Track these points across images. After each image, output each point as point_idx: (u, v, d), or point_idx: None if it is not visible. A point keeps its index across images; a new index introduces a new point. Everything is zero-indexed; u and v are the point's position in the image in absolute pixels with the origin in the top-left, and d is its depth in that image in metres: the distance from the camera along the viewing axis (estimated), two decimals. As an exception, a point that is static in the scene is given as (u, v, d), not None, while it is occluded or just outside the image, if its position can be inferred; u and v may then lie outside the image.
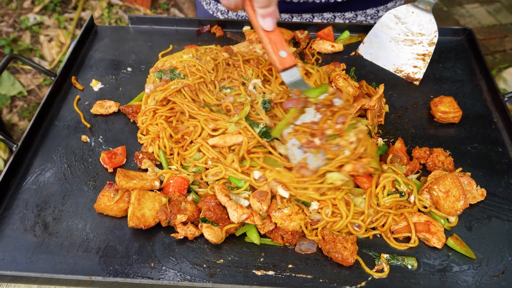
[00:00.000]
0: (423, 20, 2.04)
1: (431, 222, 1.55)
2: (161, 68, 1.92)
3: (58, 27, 6.24)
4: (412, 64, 2.10)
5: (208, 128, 1.73)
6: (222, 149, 1.72)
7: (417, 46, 2.07)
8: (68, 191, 1.68)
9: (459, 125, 1.92)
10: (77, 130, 1.90)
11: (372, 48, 2.18)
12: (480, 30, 5.94)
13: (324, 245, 1.51)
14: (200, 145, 1.72)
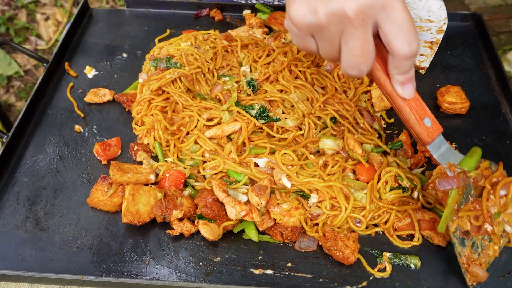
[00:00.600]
0: (432, 6, 1.95)
1: (436, 220, 1.49)
2: (157, 56, 1.84)
3: (54, 5, 6.11)
4: (418, 52, 2.01)
5: (202, 119, 1.67)
6: (221, 140, 1.66)
7: (425, 33, 1.98)
8: (61, 184, 1.63)
9: (466, 116, 1.85)
10: (70, 119, 1.83)
11: None
12: (485, 10, 5.79)
13: (325, 242, 1.46)
14: (197, 137, 1.65)
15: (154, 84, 1.74)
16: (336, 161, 1.60)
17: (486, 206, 1.33)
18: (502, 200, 1.35)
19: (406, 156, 1.69)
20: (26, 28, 5.84)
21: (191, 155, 1.65)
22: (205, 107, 1.71)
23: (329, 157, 1.60)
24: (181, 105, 1.72)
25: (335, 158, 1.60)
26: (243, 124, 1.62)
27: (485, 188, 1.35)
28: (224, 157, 1.62)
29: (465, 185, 1.32)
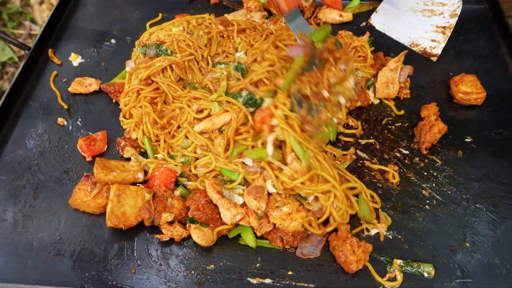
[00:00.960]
0: None
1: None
2: (146, 43, 1.69)
3: (49, -10, 5.94)
4: (430, 38, 1.86)
5: (192, 111, 1.53)
6: (212, 133, 1.52)
7: (437, 18, 1.83)
8: (41, 182, 1.50)
9: (482, 107, 1.71)
10: (53, 111, 1.69)
11: (386, 18, 1.94)
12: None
13: (333, 240, 1.33)
14: (187, 131, 1.52)
15: (143, 73, 1.59)
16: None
17: (326, 75, 1.44)
18: (341, 73, 1.46)
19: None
20: (19, 13, 5.65)
21: (182, 151, 1.51)
22: (194, 97, 1.57)
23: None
24: (170, 96, 1.58)
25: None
26: (233, 114, 1.48)
27: (328, 61, 1.45)
28: (215, 153, 1.49)
29: (311, 55, 1.43)
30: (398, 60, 1.69)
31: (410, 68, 1.74)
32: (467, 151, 1.58)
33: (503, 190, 1.47)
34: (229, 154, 1.47)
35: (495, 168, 1.53)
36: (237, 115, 1.49)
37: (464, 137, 1.61)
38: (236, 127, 1.49)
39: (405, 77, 1.72)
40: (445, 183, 1.50)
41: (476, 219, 1.41)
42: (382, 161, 1.56)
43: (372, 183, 1.50)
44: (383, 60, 1.78)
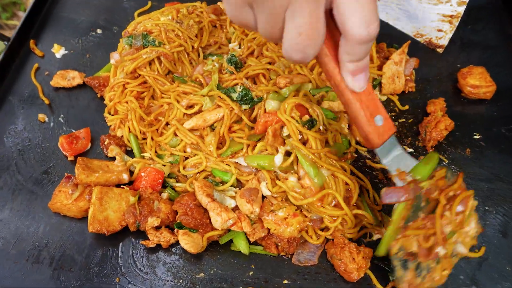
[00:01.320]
0: None
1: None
2: (132, 33, 1.58)
3: (43, -22, 5.81)
4: (436, 27, 1.74)
5: (181, 106, 1.43)
6: (203, 131, 1.42)
7: (444, 6, 1.70)
8: (20, 184, 1.40)
9: (491, 102, 1.60)
10: (34, 107, 1.59)
11: (389, 7, 1.82)
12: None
13: (330, 248, 1.24)
14: (176, 128, 1.41)
15: (129, 65, 1.49)
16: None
17: (440, 225, 1.07)
18: (458, 217, 1.09)
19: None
20: (13, 3, 5.53)
21: (170, 150, 1.41)
22: (184, 92, 1.47)
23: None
24: (158, 90, 1.48)
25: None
26: (226, 110, 1.38)
27: (439, 203, 1.09)
28: (207, 152, 1.39)
29: (415, 197, 1.08)
30: (402, 52, 1.59)
31: (415, 60, 1.63)
32: (475, 149, 1.48)
33: (514, 192, 1.38)
34: (222, 152, 1.37)
35: (505, 168, 1.43)
36: (230, 111, 1.39)
37: (472, 134, 1.51)
38: (229, 124, 1.39)
39: (411, 70, 1.62)
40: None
41: (486, 223, 1.32)
42: (385, 160, 1.46)
43: (374, 184, 1.40)
44: (386, 51, 1.67)
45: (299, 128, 1.28)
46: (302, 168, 1.24)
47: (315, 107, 1.33)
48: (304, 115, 1.32)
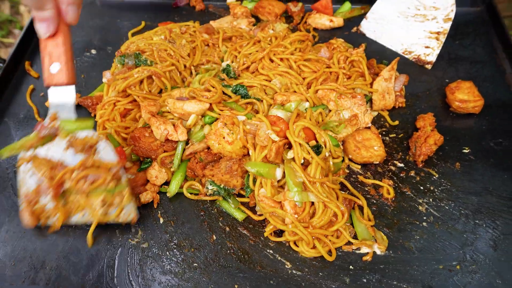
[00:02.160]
0: None
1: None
2: (124, 52, 1.61)
3: (38, -5, 5.83)
4: (423, 44, 1.78)
5: (172, 98, 1.48)
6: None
7: (430, 23, 1.74)
8: (16, 206, 1.41)
9: (480, 116, 1.63)
10: (29, 127, 1.61)
11: (377, 25, 1.86)
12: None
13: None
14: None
15: (121, 84, 1.51)
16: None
17: (61, 177, 1.26)
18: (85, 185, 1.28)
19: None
20: (9, 21, 5.56)
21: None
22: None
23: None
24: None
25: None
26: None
27: (80, 161, 1.28)
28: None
29: (47, 136, 1.28)
30: (392, 69, 1.62)
31: (405, 77, 1.66)
32: (465, 163, 1.51)
33: (503, 205, 1.40)
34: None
35: (494, 181, 1.46)
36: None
37: (462, 148, 1.54)
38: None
39: (401, 86, 1.65)
40: (442, 198, 1.42)
41: (476, 236, 1.34)
42: (376, 175, 1.49)
43: (366, 199, 1.42)
44: (376, 68, 1.70)
45: (310, 152, 1.31)
46: (288, 191, 1.29)
47: (322, 133, 1.36)
48: (311, 140, 1.35)
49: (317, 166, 1.31)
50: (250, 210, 1.38)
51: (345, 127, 1.45)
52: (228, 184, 1.34)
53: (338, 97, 1.51)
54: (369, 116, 1.53)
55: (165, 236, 1.34)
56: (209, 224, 1.36)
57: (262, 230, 1.35)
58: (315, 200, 1.28)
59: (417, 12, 1.76)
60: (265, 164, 1.32)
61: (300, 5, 1.97)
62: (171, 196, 1.41)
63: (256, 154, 1.34)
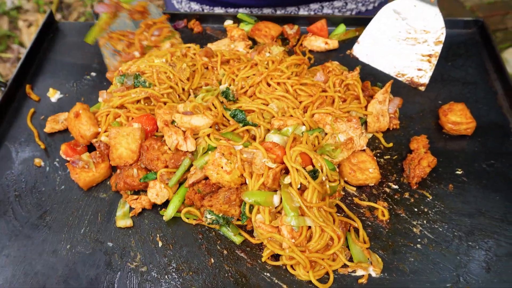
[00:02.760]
0: (427, 15, 1.75)
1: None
2: (125, 72, 1.64)
3: (37, 11, 5.88)
4: (416, 67, 1.82)
5: (178, 112, 1.53)
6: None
7: (422, 46, 1.79)
8: (16, 230, 1.43)
9: (472, 138, 1.66)
10: (29, 151, 1.63)
11: (369, 49, 1.90)
12: (481, 7, 5.61)
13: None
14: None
15: (116, 100, 1.55)
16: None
17: (138, 38, 1.78)
18: (154, 38, 1.82)
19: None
20: (7, 36, 5.61)
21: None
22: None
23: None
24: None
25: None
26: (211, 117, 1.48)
27: (142, 23, 1.79)
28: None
29: (120, 14, 1.72)
30: (386, 91, 1.65)
31: (399, 100, 1.70)
32: (458, 184, 1.53)
33: (495, 226, 1.43)
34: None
35: (487, 203, 1.48)
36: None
37: (455, 170, 1.57)
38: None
39: (395, 109, 1.68)
40: (436, 220, 1.45)
41: (469, 258, 1.36)
42: (371, 197, 1.51)
43: (361, 221, 1.44)
44: (370, 90, 1.74)
45: (307, 177, 1.34)
46: (285, 216, 1.31)
47: (319, 158, 1.39)
48: (307, 164, 1.38)
49: (314, 191, 1.33)
50: (247, 233, 1.40)
51: (341, 151, 1.48)
52: (226, 214, 1.36)
53: (334, 120, 1.55)
54: (364, 139, 1.56)
55: (164, 260, 1.36)
56: (207, 248, 1.39)
57: (259, 253, 1.37)
58: (312, 225, 1.31)
59: (408, 35, 1.80)
60: (262, 192, 1.35)
61: (296, 27, 2.01)
62: (167, 220, 1.43)
63: (253, 183, 1.36)
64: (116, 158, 1.45)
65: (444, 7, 5.48)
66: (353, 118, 1.57)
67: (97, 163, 1.51)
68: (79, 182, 1.49)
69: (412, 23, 1.79)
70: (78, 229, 1.43)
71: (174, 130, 1.42)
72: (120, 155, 1.44)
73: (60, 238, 1.41)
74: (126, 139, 1.44)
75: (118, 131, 1.45)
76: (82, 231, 1.42)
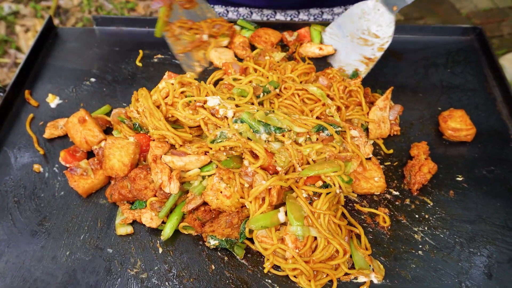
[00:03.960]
0: (383, 21, 1.78)
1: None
2: (128, 116, 1.61)
3: (34, 16, 5.88)
4: (354, 66, 1.87)
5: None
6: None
7: (368, 48, 1.83)
8: (15, 236, 1.42)
9: (472, 144, 1.67)
10: (29, 157, 1.62)
11: (332, 40, 1.97)
12: (477, 14, 5.65)
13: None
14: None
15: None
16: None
17: (206, 26, 1.91)
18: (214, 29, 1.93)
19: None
20: (5, 41, 5.59)
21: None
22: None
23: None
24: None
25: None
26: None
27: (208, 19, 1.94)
28: None
29: (173, 6, 1.81)
30: (386, 98, 1.66)
31: (400, 107, 1.70)
32: (458, 191, 1.54)
33: (496, 232, 1.43)
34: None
35: (487, 209, 1.49)
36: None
37: (455, 176, 1.57)
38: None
39: (395, 116, 1.68)
40: (437, 226, 1.45)
41: (471, 265, 1.36)
42: (372, 204, 1.51)
43: (362, 228, 1.44)
44: (371, 96, 1.74)
45: (316, 191, 1.36)
46: (290, 225, 1.31)
47: (331, 177, 1.40)
48: (317, 180, 1.40)
49: (324, 202, 1.34)
50: (248, 240, 1.40)
51: (352, 164, 1.47)
52: (230, 237, 1.34)
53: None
54: (369, 147, 1.56)
55: (164, 266, 1.35)
56: (208, 254, 1.38)
57: (260, 259, 1.37)
58: (317, 235, 1.30)
59: (362, 35, 1.84)
60: (266, 215, 1.33)
61: (296, 34, 2.01)
62: (165, 240, 1.41)
63: (255, 207, 1.35)
64: (108, 168, 1.44)
65: (440, 14, 5.52)
66: (357, 127, 1.57)
67: (95, 169, 1.50)
68: (78, 190, 1.47)
69: (369, 25, 1.82)
70: (78, 236, 1.42)
71: (160, 168, 1.38)
72: (112, 166, 1.43)
73: (60, 244, 1.40)
74: (120, 151, 1.43)
75: (114, 142, 1.44)
76: (81, 238, 1.41)
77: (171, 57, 1.97)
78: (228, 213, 1.35)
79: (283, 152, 1.37)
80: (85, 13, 5.67)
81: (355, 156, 1.49)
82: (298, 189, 1.36)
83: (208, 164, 1.42)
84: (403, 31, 2.06)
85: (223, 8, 2.21)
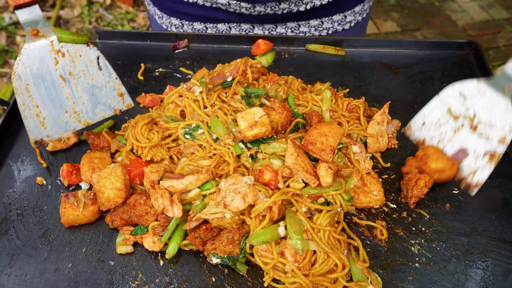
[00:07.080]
0: (496, 107, 1.50)
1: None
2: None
3: (34, 27, 5.92)
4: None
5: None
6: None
7: (482, 140, 1.56)
8: (18, 248, 1.44)
9: (468, 157, 1.69)
10: (32, 170, 1.65)
11: (420, 132, 1.69)
12: (473, 26, 5.72)
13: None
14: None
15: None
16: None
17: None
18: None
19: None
20: (5, 51, 5.63)
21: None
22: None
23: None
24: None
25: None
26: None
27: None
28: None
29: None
30: (384, 112, 1.69)
31: (397, 122, 1.73)
32: (454, 203, 1.56)
33: (492, 245, 1.45)
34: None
35: (482, 222, 1.51)
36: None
37: (452, 189, 1.60)
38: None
39: (392, 130, 1.71)
40: (434, 239, 1.47)
41: (467, 277, 1.38)
42: (370, 216, 1.54)
43: (360, 240, 1.46)
44: (368, 110, 1.77)
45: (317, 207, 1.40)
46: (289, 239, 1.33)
47: (333, 195, 1.44)
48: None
49: (325, 217, 1.38)
50: (248, 253, 1.42)
51: (352, 179, 1.50)
52: (232, 253, 1.36)
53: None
54: (369, 162, 1.59)
55: (165, 279, 1.37)
56: (209, 267, 1.40)
57: (260, 272, 1.39)
58: (317, 249, 1.33)
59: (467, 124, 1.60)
60: (267, 230, 1.35)
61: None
62: (170, 258, 1.42)
63: (256, 222, 1.37)
64: (105, 201, 1.41)
65: (436, 25, 5.58)
66: (357, 142, 1.60)
67: (86, 204, 1.47)
68: (62, 217, 1.45)
69: (479, 111, 1.55)
70: (80, 248, 1.44)
71: (160, 194, 1.38)
72: (108, 198, 1.41)
73: (62, 256, 1.42)
74: (110, 179, 1.41)
75: (100, 174, 1.42)
76: (84, 250, 1.43)
77: (172, 70, 2.01)
78: (229, 229, 1.37)
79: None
80: (85, 24, 5.71)
81: (355, 171, 1.52)
82: (298, 203, 1.39)
83: (208, 182, 1.43)
84: (399, 46, 2.10)
85: (202, 25, 2.22)
